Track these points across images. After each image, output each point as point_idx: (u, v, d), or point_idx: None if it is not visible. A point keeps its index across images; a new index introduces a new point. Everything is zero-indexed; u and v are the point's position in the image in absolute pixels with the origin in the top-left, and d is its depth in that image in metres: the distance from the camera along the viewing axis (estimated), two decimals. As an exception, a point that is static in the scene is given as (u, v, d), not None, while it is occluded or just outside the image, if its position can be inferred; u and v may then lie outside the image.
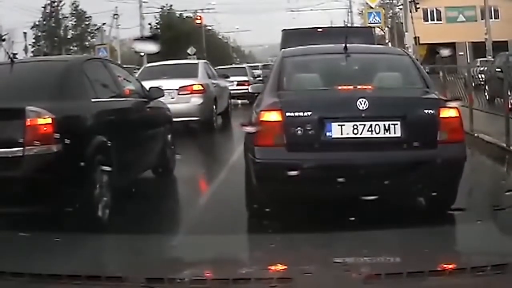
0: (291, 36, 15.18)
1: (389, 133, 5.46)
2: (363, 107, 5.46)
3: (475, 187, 6.82)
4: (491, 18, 34.06)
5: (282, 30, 15.97)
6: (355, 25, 40.45)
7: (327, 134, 5.48)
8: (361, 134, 5.46)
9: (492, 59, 23.36)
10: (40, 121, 5.46)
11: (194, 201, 7.01)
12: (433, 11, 45.52)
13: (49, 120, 5.45)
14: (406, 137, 5.45)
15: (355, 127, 5.46)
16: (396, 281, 2.38)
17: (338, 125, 5.47)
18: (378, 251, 2.95)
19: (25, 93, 5.94)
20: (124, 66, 12.74)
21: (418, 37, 36.51)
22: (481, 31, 33.00)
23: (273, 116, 5.56)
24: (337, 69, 6.54)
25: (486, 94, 14.64)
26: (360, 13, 46.84)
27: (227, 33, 70.34)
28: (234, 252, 3.16)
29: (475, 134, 10.41)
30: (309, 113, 5.50)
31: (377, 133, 5.46)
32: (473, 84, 12.61)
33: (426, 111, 5.59)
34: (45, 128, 5.44)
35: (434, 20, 45.50)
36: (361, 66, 6.61)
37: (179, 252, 3.29)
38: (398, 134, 5.47)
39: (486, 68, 17.06)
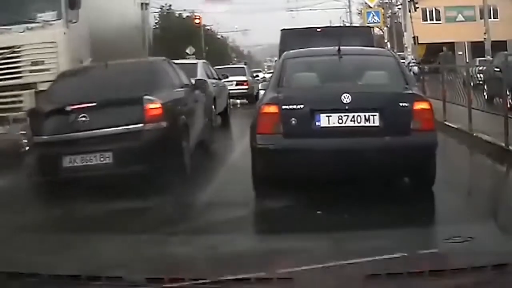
0: (290, 36, 15.14)
1: (369, 123, 6.35)
2: (347, 101, 6.35)
3: (474, 187, 6.83)
4: (490, 18, 33.98)
5: (281, 30, 15.91)
6: (354, 24, 40.36)
7: (317, 123, 6.39)
8: (345, 123, 6.36)
9: (491, 59, 23.33)
10: (153, 105, 7.42)
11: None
12: (432, 10, 45.49)
13: (159, 105, 7.44)
14: (383, 126, 6.33)
15: (340, 117, 6.37)
16: (396, 281, 2.38)
17: (326, 116, 6.39)
18: (378, 251, 2.95)
19: (132, 86, 7.75)
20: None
21: (417, 37, 36.53)
22: (480, 30, 32.93)
23: (272, 109, 6.55)
24: (330, 69, 7.40)
25: (485, 93, 14.61)
26: (359, 13, 46.77)
27: (226, 33, 70.26)
28: (234, 252, 3.16)
29: (474, 134, 10.41)
30: (302, 106, 6.44)
31: (358, 123, 6.35)
32: (472, 84, 12.59)
33: (401, 104, 6.45)
34: (157, 111, 7.40)
35: (433, 20, 45.46)
36: (351, 66, 7.42)
37: (179, 252, 3.29)
38: (377, 123, 6.35)
39: (485, 68, 17.03)
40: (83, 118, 7.32)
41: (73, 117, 7.33)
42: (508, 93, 11.30)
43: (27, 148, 7.65)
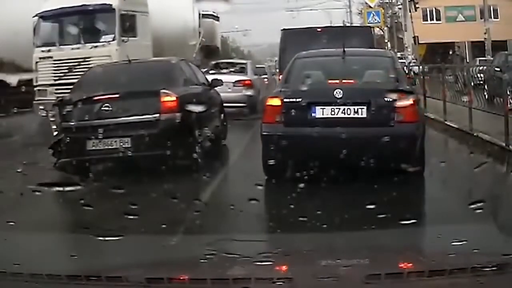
0: (290, 36, 15.15)
1: (357, 115, 7.23)
2: (338, 96, 7.22)
3: (474, 187, 6.82)
4: (490, 18, 33.95)
5: (281, 30, 15.92)
6: (354, 24, 40.28)
7: (312, 114, 7.32)
8: (336, 115, 7.27)
9: (491, 59, 23.30)
10: (169, 98, 8.48)
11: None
12: (432, 10, 45.40)
13: (174, 98, 8.50)
14: (370, 118, 7.21)
15: (332, 110, 7.29)
16: (396, 281, 2.38)
17: (320, 108, 7.30)
18: (378, 251, 2.95)
19: (151, 81, 8.86)
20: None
21: (417, 37, 36.50)
22: (480, 30, 32.90)
23: (275, 101, 7.56)
24: (331, 68, 8.27)
25: (485, 93, 14.59)
26: (359, 13, 46.66)
27: (226, 33, 69.96)
28: (234, 252, 3.16)
29: (475, 134, 10.40)
30: (300, 100, 7.37)
31: (348, 114, 7.24)
32: (472, 84, 12.58)
33: (385, 99, 7.23)
34: (172, 103, 8.45)
35: (433, 20, 45.34)
36: (351, 65, 8.24)
37: (179, 252, 3.29)
38: (364, 115, 7.23)
39: (485, 68, 17.02)
40: (107, 108, 8.36)
41: (97, 106, 8.40)
42: (508, 93, 11.29)
43: (55, 133, 8.88)
